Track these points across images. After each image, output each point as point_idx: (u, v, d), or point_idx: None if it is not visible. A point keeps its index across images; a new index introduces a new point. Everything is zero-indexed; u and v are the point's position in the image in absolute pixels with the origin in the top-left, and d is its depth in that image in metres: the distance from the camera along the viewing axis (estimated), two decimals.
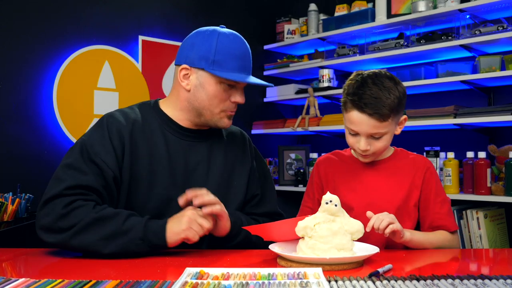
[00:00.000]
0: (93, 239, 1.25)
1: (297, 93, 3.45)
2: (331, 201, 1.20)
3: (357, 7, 3.26)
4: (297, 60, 3.57)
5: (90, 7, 2.84)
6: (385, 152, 1.56)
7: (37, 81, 2.64)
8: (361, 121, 1.43)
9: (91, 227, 1.25)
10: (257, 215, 1.58)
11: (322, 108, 3.41)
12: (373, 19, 3.11)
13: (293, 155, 3.44)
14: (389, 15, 3.03)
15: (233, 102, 1.47)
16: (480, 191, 2.52)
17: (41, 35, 2.65)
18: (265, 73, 3.65)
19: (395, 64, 3.18)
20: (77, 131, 2.73)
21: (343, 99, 1.49)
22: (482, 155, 2.53)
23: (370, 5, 3.25)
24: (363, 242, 1.31)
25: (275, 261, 1.25)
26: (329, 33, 3.27)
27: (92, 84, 2.83)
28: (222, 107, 1.46)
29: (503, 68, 2.62)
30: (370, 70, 1.50)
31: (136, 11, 3.04)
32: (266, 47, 3.65)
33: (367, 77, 1.45)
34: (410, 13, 2.91)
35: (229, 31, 1.48)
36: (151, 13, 3.11)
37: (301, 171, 3.30)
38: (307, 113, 3.35)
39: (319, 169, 1.65)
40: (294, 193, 3.31)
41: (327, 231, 1.18)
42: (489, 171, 2.51)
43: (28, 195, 2.22)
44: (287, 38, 3.56)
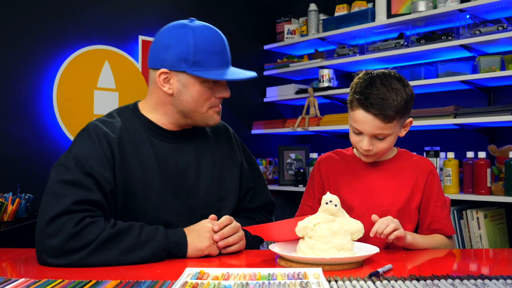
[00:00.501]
0: (114, 254, 1.21)
1: (297, 93, 3.44)
2: (331, 201, 1.20)
3: (357, 7, 3.26)
4: (297, 60, 3.57)
5: (90, 7, 2.83)
6: (388, 152, 1.55)
7: (37, 81, 2.64)
8: (366, 121, 1.41)
9: (110, 243, 1.21)
10: (253, 210, 1.58)
11: (322, 108, 3.41)
12: (373, 19, 3.11)
13: (293, 155, 3.44)
14: (389, 15, 3.03)
15: (219, 97, 1.45)
16: (480, 191, 2.52)
17: (41, 35, 2.65)
18: (265, 73, 3.65)
19: (395, 64, 3.17)
20: (77, 131, 2.63)
21: (349, 97, 1.47)
22: (482, 155, 2.53)
23: (370, 5, 3.25)
24: (363, 242, 1.31)
25: (275, 261, 1.25)
26: (329, 33, 3.27)
27: (92, 84, 2.83)
28: (208, 105, 1.43)
29: (503, 68, 2.62)
30: (379, 69, 1.47)
31: (136, 11, 3.03)
32: (266, 47, 3.65)
33: (375, 77, 1.43)
34: (410, 13, 2.91)
35: (201, 24, 1.42)
36: (151, 13, 3.10)
37: (301, 171, 3.30)
38: (307, 113, 3.35)
39: (320, 167, 1.63)
40: (294, 193, 3.30)
41: (327, 231, 1.18)
42: (489, 171, 2.51)
43: (28, 195, 2.22)
44: (287, 38, 3.56)
